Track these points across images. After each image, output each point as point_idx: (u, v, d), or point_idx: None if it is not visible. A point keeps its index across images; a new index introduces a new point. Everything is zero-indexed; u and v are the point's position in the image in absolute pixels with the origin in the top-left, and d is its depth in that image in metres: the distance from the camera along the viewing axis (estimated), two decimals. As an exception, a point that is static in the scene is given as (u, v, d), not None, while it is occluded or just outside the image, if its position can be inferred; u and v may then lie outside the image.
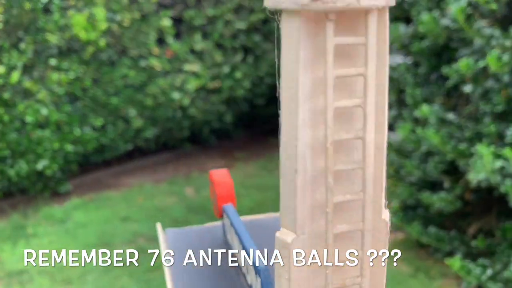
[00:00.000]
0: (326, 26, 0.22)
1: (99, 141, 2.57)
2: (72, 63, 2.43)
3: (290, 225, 0.24)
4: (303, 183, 0.23)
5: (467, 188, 1.72)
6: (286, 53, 0.23)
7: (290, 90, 0.23)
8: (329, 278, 0.24)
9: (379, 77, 0.24)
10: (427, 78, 1.84)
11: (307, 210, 0.24)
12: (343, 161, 0.24)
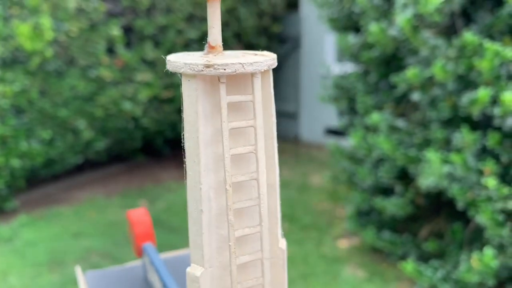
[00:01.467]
0: (219, 87, 0.26)
1: (48, 154, 2.47)
2: (17, 75, 2.32)
3: (199, 260, 0.26)
4: (208, 221, 0.26)
5: (417, 193, 1.77)
6: (187, 108, 0.26)
7: (193, 139, 0.26)
8: None
9: (266, 127, 0.28)
10: (377, 86, 1.89)
11: (213, 245, 0.26)
12: (242, 199, 0.27)
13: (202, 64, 0.25)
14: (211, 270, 0.26)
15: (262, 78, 0.28)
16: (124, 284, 0.37)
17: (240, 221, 0.27)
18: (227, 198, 0.26)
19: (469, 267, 1.45)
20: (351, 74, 2.00)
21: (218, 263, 0.26)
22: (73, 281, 1.95)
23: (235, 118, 0.27)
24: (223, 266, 0.26)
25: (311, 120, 3.56)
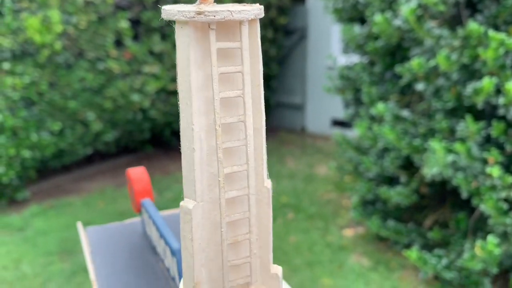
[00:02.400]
0: (209, 34, 0.28)
1: (57, 146, 2.51)
2: (27, 67, 2.36)
3: (191, 195, 0.28)
4: (199, 159, 0.29)
5: (422, 182, 1.79)
6: (180, 54, 0.28)
7: (185, 83, 0.28)
8: (224, 235, 0.28)
9: (253, 73, 0.30)
10: (382, 76, 1.90)
11: (204, 182, 0.29)
12: (231, 140, 0.30)
13: (194, 11, 0.27)
14: (202, 204, 0.28)
15: (250, 26, 0.29)
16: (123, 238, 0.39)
17: (229, 160, 0.30)
18: (217, 137, 0.28)
19: (472, 255, 1.47)
20: (356, 64, 2.01)
21: (208, 198, 0.29)
22: (83, 269, 1.99)
23: (224, 64, 0.29)
24: (213, 201, 0.29)
25: (317, 112, 3.57)
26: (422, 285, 1.75)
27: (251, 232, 0.28)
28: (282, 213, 2.46)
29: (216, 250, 0.26)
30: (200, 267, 0.25)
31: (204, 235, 0.26)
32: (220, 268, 0.25)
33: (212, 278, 0.24)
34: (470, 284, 1.62)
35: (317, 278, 1.88)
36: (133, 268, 0.36)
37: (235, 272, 0.26)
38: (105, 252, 0.37)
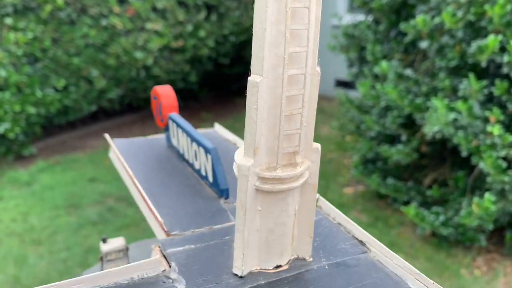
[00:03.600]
0: None
1: (62, 102, 2.52)
2: (30, 22, 2.35)
3: (258, 71, 0.31)
4: (269, 39, 0.32)
5: (423, 141, 1.80)
6: None
7: (261, 15, 0.30)
8: (283, 107, 0.31)
9: (317, 9, 0.33)
10: (387, 35, 1.88)
11: (271, 60, 0.32)
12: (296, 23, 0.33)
13: None
14: (267, 80, 0.31)
15: None
16: (149, 149, 0.41)
17: (292, 42, 0.32)
18: (286, 20, 0.31)
19: (469, 212, 1.50)
20: (361, 22, 1.99)
21: (272, 75, 0.31)
22: (90, 223, 2.05)
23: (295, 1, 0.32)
24: (276, 78, 0.31)
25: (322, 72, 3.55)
26: (419, 241, 1.80)
27: (304, 107, 0.31)
28: (284, 172, 2.50)
29: (274, 122, 0.29)
30: (261, 135, 0.27)
31: (266, 107, 0.29)
32: (276, 137, 0.27)
33: (268, 145, 0.27)
34: (466, 240, 1.66)
35: (317, 233, 1.93)
36: (164, 171, 0.38)
37: (287, 141, 0.28)
38: (134, 158, 0.39)
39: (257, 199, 0.25)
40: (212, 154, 0.33)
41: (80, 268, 1.74)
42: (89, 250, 1.86)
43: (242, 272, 0.24)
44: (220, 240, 0.27)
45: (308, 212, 0.27)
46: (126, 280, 0.25)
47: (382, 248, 0.29)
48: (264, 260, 0.25)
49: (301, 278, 0.24)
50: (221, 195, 0.32)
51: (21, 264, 1.80)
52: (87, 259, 1.80)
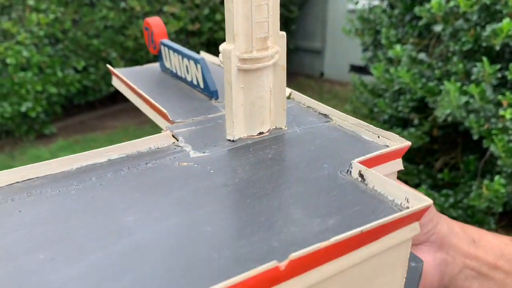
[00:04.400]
0: None
1: (82, 83, 2.59)
2: (51, 4, 2.40)
3: None
4: None
5: (435, 125, 1.82)
6: None
7: None
8: None
9: None
10: (401, 19, 1.90)
11: None
12: None
13: None
14: None
15: None
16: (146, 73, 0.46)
17: None
18: None
19: (479, 194, 1.53)
20: (376, 7, 2.01)
21: None
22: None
23: None
24: None
25: (336, 57, 3.56)
26: (428, 223, 1.83)
27: None
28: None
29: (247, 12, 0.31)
30: (237, 24, 0.30)
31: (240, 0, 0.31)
32: (250, 26, 0.31)
33: (244, 32, 0.31)
34: (475, 222, 1.69)
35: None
36: (161, 85, 0.43)
37: (259, 28, 0.31)
38: (134, 79, 0.44)
39: (239, 78, 0.31)
40: (201, 63, 0.38)
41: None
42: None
43: (234, 137, 0.31)
44: (215, 123, 0.34)
45: (280, 89, 0.32)
46: (145, 149, 0.31)
47: (341, 115, 0.35)
48: (249, 129, 0.31)
49: (279, 138, 0.31)
50: (212, 96, 0.37)
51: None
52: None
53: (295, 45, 3.69)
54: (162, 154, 0.30)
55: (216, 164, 0.29)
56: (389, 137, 0.32)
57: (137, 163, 0.30)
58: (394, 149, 0.30)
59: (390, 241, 0.24)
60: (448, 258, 0.42)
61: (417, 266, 0.35)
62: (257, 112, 0.31)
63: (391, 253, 0.24)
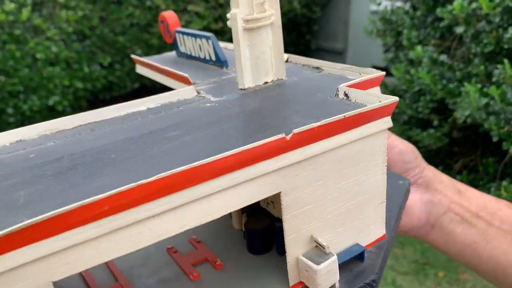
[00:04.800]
0: None
1: (107, 78, 2.66)
2: (80, 1, 2.48)
3: None
4: None
5: (454, 126, 1.82)
6: None
7: None
8: None
9: None
10: (423, 20, 1.90)
11: None
12: None
13: None
14: None
15: None
16: (165, 58, 0.52)
17: None
18: None
19: (497, 196, 1.53)
20: (399, 8, 2.02)
21: None
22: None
23: None
24: None
25: (358, 58, 3.57)
26: (446, 224, 1.84)
27: None
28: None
29: None
30: None
31: None
32: None
33: None
34: (492, 224, 1.68)
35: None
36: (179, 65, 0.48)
37: None
38: (155, 61, 0.50)
39: (244, 36, 0.36)
40: (212, 39, 0.43)
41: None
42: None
43: (244, 86, 0.36)
44: (228, 81, 0.39)
45: (279, 46, 0.37)
46: (175, 100, 0.36)
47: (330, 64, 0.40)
48: (256, 79, 0.37)
49: (281, 84, 0.36)
50: (223, 65, 0.42)
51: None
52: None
53: (317, 46, 3.70)
54: (189, 101, 0.36)
55: (233, 103, 0.35)
56: (368, 72, 0.37)
57: (171, 107, 0.36)
58: (372, 76, 0.35)
59: (368, 129, 0.31)
60: (434, 199, 0.47)
61: (404, 183, 0.42)
62: (261, 65, 0.36)
63: (370, 141, 0.31)
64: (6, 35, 2.35)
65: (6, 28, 2.35)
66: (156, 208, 0.23)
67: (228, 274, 0.33)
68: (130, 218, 0.23)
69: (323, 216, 0.30)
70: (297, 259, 0.30)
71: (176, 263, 0.34)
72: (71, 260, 0.22)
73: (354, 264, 0.32)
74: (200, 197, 0.25)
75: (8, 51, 2.37)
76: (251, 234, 0.34)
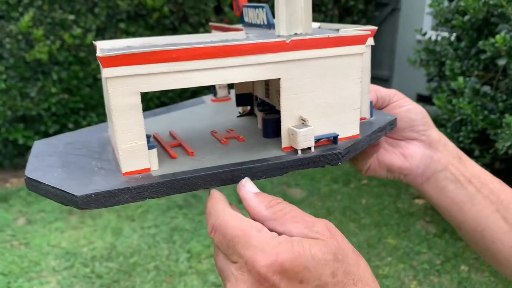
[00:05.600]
0: None
1: (160, 99, 2.83)
2: (139, 27, 2.67)
3: None
4: None
5: (496, 157, 1.83)
6: None
7: None
8: None
9: None
10: (467, 51, 1.94)
11: None
12: None
13: None
14: None
15: None
16: None
17: None
18: None
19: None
20: (443, 39, 2.06)
21: None
22: (176, 206, 2.28)
23: None
24: None
25: (403, 85, 3.59)
26: (485, 255, 1.82)
27: None
28: (356, 178, 2.59)
29: None
30: None
31: None
32: None
33: None
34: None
35: (382, 237, 2.01)
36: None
37: None
38: None
39: None
40: (265, 7, 0.50)
41: (167, 243, 1.98)
42: (174, 229, 2.10)
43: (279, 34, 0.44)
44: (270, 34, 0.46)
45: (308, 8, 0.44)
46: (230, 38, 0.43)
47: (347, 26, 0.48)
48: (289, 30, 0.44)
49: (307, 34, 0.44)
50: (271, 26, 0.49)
51: (118, 235, 2.07)
52: (172, 236, 2.04)
53: (363, 73, 3.75)
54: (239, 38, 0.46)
55: None
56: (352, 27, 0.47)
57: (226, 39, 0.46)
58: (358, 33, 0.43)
59: (345, 50, 0.42)
60: (434, 156, 0.52)
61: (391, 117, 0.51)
62: (294, 21, 0.44)
63: (347, 59, 0.42)
64: (72, 57, 2.57)
65: (73, 50, 2.57)
66: (200, 65, 0.37)
67: (246, 144, 0.46)
68: (185, 67, 0.37)
69: (309, 105, 0.42)
70: (288, 128, 0.42)
71: (214, 137, 0.48)
72: (152, 82, 0.37)
73: (330, 145, 0.43)
74: (228, 66, 0.38)
75: (73, 71, 2.58)
76: (265, 123, 0.47)
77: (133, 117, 0.38)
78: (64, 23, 2.52)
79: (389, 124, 0.50)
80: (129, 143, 0.38)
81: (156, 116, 0.59)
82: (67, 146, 0.48)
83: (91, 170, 0.41)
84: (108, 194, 0.36)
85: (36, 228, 2.13)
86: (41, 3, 2.46)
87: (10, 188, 2.54)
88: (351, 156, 0.44)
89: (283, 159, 0.41)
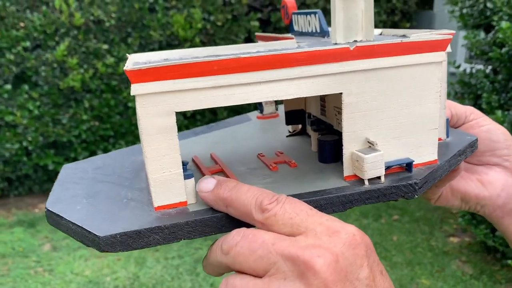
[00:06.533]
0: None
1: (188, 128, 2.83)
2: (170, 57, 2.71)
3: None
4: None
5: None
6: None
7: None
8: None
9: None
10: (505, 85, 1.87)
11: None
12: None
13: None
14: None
15: None
16: None
17: None
18: None
19: None
20: (479, 71, 2.00)
21: None
22: (200, 238, 2.25)
23: None
24: None
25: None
26: (527, 301, 1.70)
27: None
28: (387, 214, 2.51)
29: None
30: None
31: None
32: None
33: None
34: None
35: (415, 277, 1.91)
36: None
37: None
38: None
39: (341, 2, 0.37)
40: (318, 13, 0.45)
41: (190, 275, 1.93)
42: (198, 260, 2.05)
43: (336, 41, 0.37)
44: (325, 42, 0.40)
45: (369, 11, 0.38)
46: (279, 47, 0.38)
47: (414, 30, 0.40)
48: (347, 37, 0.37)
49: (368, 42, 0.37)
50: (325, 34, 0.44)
51: (141, 265, 2.04)
52: (196, 268, 1.99)
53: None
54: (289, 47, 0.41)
55: None
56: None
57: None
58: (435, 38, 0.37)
59: (421, 58, 0.35)
60: None
61: (470, 138, 0.43)
62: (353, 26, 0.38)
63: (423, 70, 0.35)
64: (104, 85, 2.61)
65: (105, 79, 2.61)
66: (245, 79, 0.32)
67: (299, 170, 0.39)
68: (227, 81, 0.32)
69: (377, 124, 0.35)
70: (351, 153, 0.35)
71: (261, 161, 0.42)
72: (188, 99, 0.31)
73: (403, 173, 0.36)
74: (278, 79, 0.32)
75: (104, 99, 2.62)
76: (321, 145, 0.40)
77: (166, 141, 0.32)
78: (97, 52, 2.58)
79: (469, 146, 0.42)
80: (162, 172, 0.33)
81: (197, 135, 0.53)
82: (96, 170, 0.43)
83: (120, 202, 0.35)
84: (136, 235, 0.31)
85: (60, 255, 2.12)
86: (76, 32, 2.53)
87: (38, 213, 2.56)
88: (428, 186, 0.36)
89: (347, 191, 0.34)
